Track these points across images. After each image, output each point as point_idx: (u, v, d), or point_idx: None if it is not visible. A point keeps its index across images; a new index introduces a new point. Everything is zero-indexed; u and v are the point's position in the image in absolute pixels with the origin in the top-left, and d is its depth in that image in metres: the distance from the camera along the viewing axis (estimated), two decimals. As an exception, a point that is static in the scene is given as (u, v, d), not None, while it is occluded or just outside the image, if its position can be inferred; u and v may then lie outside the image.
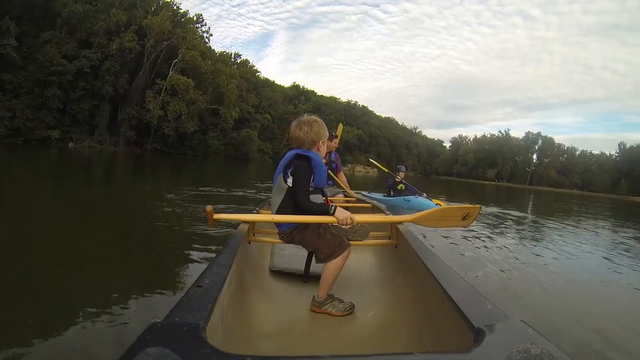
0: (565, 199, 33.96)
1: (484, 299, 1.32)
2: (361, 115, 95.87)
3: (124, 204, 7.46)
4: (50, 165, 15.89)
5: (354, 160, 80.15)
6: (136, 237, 4.80)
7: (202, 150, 50.19)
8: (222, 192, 10.77)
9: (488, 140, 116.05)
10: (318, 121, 2.28)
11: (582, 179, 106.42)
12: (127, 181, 13.02)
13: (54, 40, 35.63)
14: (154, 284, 3.05)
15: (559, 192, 71.14)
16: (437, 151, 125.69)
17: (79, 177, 12.45)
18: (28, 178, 10.28)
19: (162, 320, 1.02)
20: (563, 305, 3.39)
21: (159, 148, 44.72)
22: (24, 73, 33.92)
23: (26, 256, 3.50)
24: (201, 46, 48.19)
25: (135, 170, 18.36)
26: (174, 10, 47.78)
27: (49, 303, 2.58)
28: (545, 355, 0.89)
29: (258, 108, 61.73)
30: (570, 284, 4.16)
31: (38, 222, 4.95)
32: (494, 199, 22.97)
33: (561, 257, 5.53)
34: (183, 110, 43.84)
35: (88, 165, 18.32)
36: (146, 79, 43.95)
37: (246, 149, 56.26)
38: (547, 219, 12.17)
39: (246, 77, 60.36)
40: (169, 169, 21.55)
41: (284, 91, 76.61)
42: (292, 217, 2.14)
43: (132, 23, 41.07)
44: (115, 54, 39.25)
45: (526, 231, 8.30)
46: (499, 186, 69.34)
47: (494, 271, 4.21)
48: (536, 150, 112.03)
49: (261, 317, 2.02)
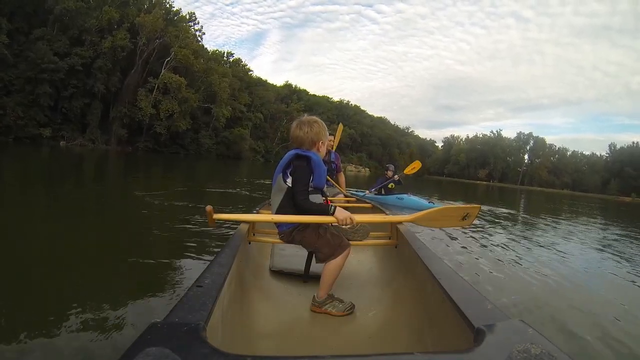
0: (557, 199, 34.36)
1: (484, 299, 1.32)
2: (353, 114, 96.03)
3: (120, 204, 7.45)
4: (41, 163, 15.77)
5: (345, 159, 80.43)
6: (135, 237, 4.73)
7: (194, 149, 49.90)
8: (216, 190, 10.75)
9: (480, 140, 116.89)
10: (318, 121, 2.28)
11: (572, 179, 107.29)
12: (121, 180, 12.93)
13: (45, 38, 35.35)
14: (154, 284, 3.03)
15: (550, 192, 71.76)
16: (429, 151, 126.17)
17: (71, 176, 12.35)
18: (19, 177, 10.16)
19: (162, 320, 1.03)
20: (563, 303, 3.37)
21: (150, 147, 44.38)
22: (15, 70, 33.53)
23: (24, 256, 3.45)
24: (194, 45, 47.88)
25: (128, 169, 18.30)
26: (166, 9, 47.50)
27: (48, 304, 2.54)
28: (546, 355, 0.89)
29: (250, 107, 61.61)
30: (570, 282, 4.18)
31: (33, 222, 4.86)
32: (487, 198, 23.34)
33: (558, 255, 5.64)
34: (175, 108, 43.56)
35: (80, 163, 18.22)
36: (138, 77, 43.66)
37: (238, 147, 56.16)
38: (541, 218, 12.59)
39: (239, 76, 60.09)
40: (162, 168, 21.36)
41: (277, 90, 76.43)
42: (292, 217, 2.13)
43: (125, 21, 40.77)
44: (108, 52, 38.92)
45: (524, 230, 8.57)
46: (491, 186, 69.73)
47: (494, 271, 4.19)
48: (528, 150, 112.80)
49: (261, 317, 2.02)
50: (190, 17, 51.07)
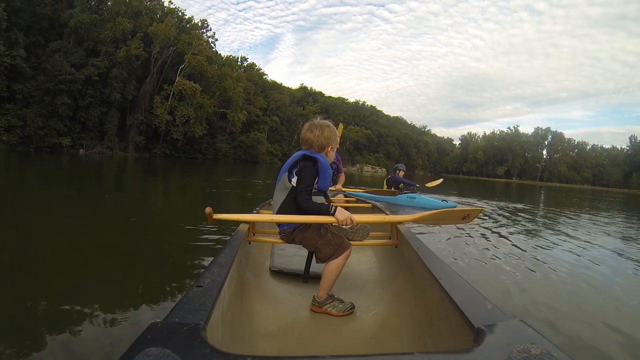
0: (576, 195, 32.71)
1: (484, 299, 1.31)
2: (369, 115, 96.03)
3: (125, 206, 7.52)
4: (60, 171, 16.00)
5: (363, 160, 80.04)
6: (136, 237, 4.82)
7: (211, 153, 50.40)
8: (231, 191, 10.78)
9: (497, 136, 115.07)
10: (330, 126, 2.26)
11: (593, 173, 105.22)
12: (133, 185, 13.09)
13: (62, 50, 36.32)
14: (154, 284, 3.09)
15: (570, 187, 69.32)
16: (446, 149, 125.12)
17: (86, 182, 12.59)
18: (38, 184, 10.42)
19: (162, 320, 1.02)
20: (565, 303, 3.25)
21: (168, 152, 45.09)
22: (34, 83, 34.48)
23: (28, 259, 3.51)
24: (207, 51, 48.46)
25: (145, 173, 18.44)
26: (179, 17, 48.35)
27: (49, 304, 2.57)
28: (546, 355, 0.88)
29: (266, 111, 61.95)
30: (574, 282, 3.96)
31: (43, 226, 4.97)
32: (503, 195, 21.99)
33: (566, 254, 5.22)
34: (191, 114, 44.18)
35: (97, 170, 18.36)
36: (153, 84, 44.44)
37: (255, 151, 56.28)
38: (555, 214, 11.56)
39: (253, 80, 60.66)
40: (178, 172, 21.49)
41: (292, 93, 76.66)
42: (292, 217, 2.13)
43: (138, 31, 41.61)
44: (123, 62, 39.78)
45: (530, 229, 7.67)
46: (510, 183, 67.71)
47: (495, 271, 4.12)
48: (546, 145, 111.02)
49: (261, 317, 2.01)
50: (202, 24, 51.75)
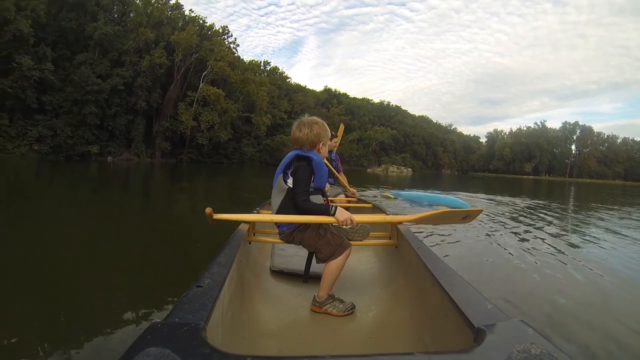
0: (605, 190, 30.87)
1: (484, 299, 1.30)
2: (395, 115, 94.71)
3: (139, 210, 7.62)
4: (87, 178, 16.06)
5: (389, 161, 78.69)
6: (136, 238, 4.91)
7: (237, 158, 50.43)
8: (251, 195, 10.73)
9: (524, 133, 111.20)
10: (319, 122, 2.22)
11: (624, 168, 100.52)
12: (154, 189, 13.21)
13: (88, 62, 37.05)
14: (154, 284, 3.15)
15: (600, 183, 65.31)
16: (473, 147, 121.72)
17: (111, 188, 12.64)
18: (63, 191, 10.68)
19: (162, 321, 1.02)
20: (566, 303, 3.09)
21: (194, 158, 45.43)
22: (62, 94, 35.44)
23: (31, 262, 3.54)
24: (229, 57, 48.48)
25: (171, 179, 18.36)
26: (200, 25, 48.78)
27: (49, 304, 2.58)
28: (546, 355, 0.88)
29: (291, 114, 61.59)
30: (575, 282, 3.72)
31: (51, 230, 5.02)
32: (529, 193, 20.30)
33: (569, 254, 4.84)
34: (215, 120, 44.30)
35: (124, 176, 18.32)
36: (178, 91, 44.82)
37: (281, 154, 55.13)
38: (565, 213, 10.42)
39: (276, 84, 60.55)
40: (204, 177, 21.25)
41: (316, 95, 76.32)
42: (292, 217, 2.08)
43: (160, 40, 42.17)
44: (147, 70, 40.37)
45: (535, 228, 6.94)
46: (539, 180, 64.09)
47: (495, 271, 4.02)
48: (574, 140, 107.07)
49: (261, 317, 1.99)
50: (224, 31, 52.04)
